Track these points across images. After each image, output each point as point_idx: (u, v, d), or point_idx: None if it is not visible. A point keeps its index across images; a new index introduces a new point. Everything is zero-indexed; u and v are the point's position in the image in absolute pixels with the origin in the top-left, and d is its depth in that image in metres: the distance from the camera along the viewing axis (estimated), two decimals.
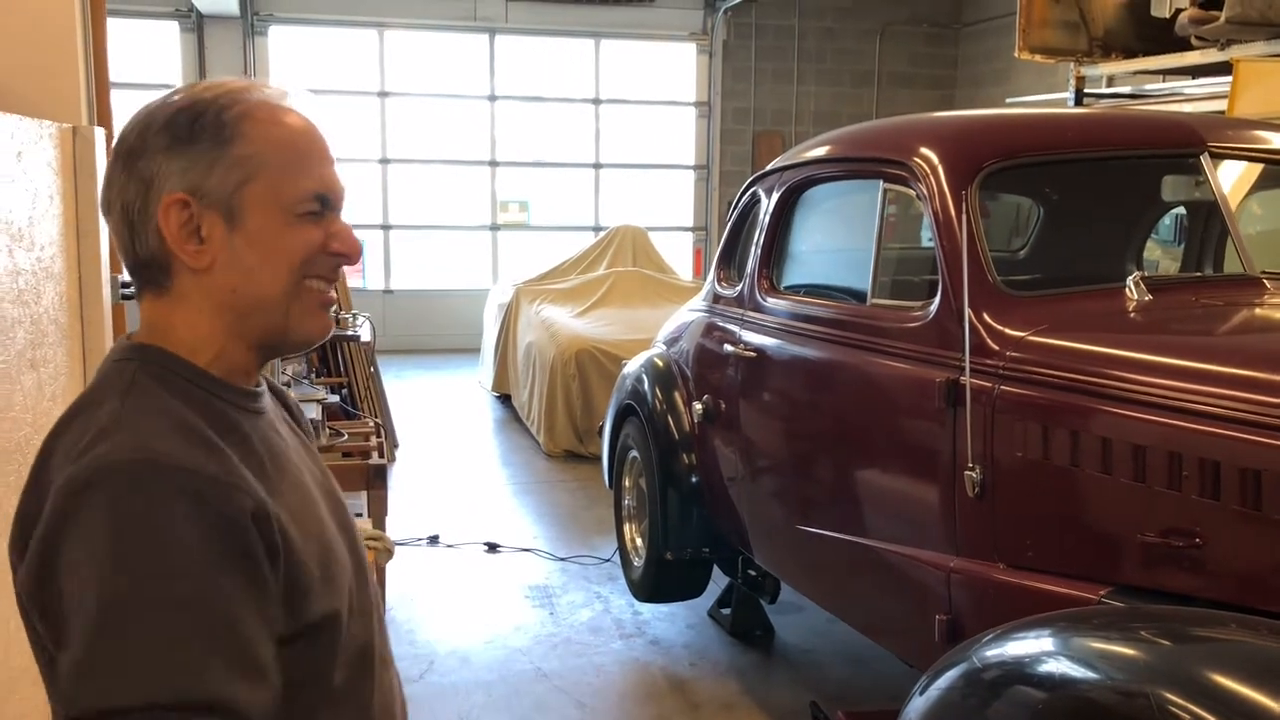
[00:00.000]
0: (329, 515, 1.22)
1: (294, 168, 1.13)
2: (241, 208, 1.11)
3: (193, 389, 1.11)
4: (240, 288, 1.12)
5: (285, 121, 1.14)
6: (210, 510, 0.99)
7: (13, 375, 2.03)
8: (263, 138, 1.11)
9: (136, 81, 10.11)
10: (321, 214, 1.15)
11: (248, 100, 1.13)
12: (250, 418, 1.16)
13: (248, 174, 1.10)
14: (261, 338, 1.16)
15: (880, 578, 2.86)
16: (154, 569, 0.96)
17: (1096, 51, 5.99)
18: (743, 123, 11.76)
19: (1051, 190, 3.49)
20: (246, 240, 1.11)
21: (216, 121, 1.10)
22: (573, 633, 4.22)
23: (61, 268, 2.38)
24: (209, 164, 1.09)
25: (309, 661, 1.11)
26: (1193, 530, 2.01)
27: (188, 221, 1.10)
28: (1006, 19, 8.71)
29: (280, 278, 1.13)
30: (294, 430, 1.30)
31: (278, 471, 1.14)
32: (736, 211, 3.89)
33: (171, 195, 1.09)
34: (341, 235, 1.17)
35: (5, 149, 2.05)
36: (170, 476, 0.99)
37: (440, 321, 11.01)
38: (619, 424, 4.45)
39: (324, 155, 1.17)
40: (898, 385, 2.76)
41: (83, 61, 2.96)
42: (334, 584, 1.15)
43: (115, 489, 0.98)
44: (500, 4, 10.95)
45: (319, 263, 1.15)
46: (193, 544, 0.97)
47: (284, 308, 1.14)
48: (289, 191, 1.12)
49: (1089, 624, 1.85)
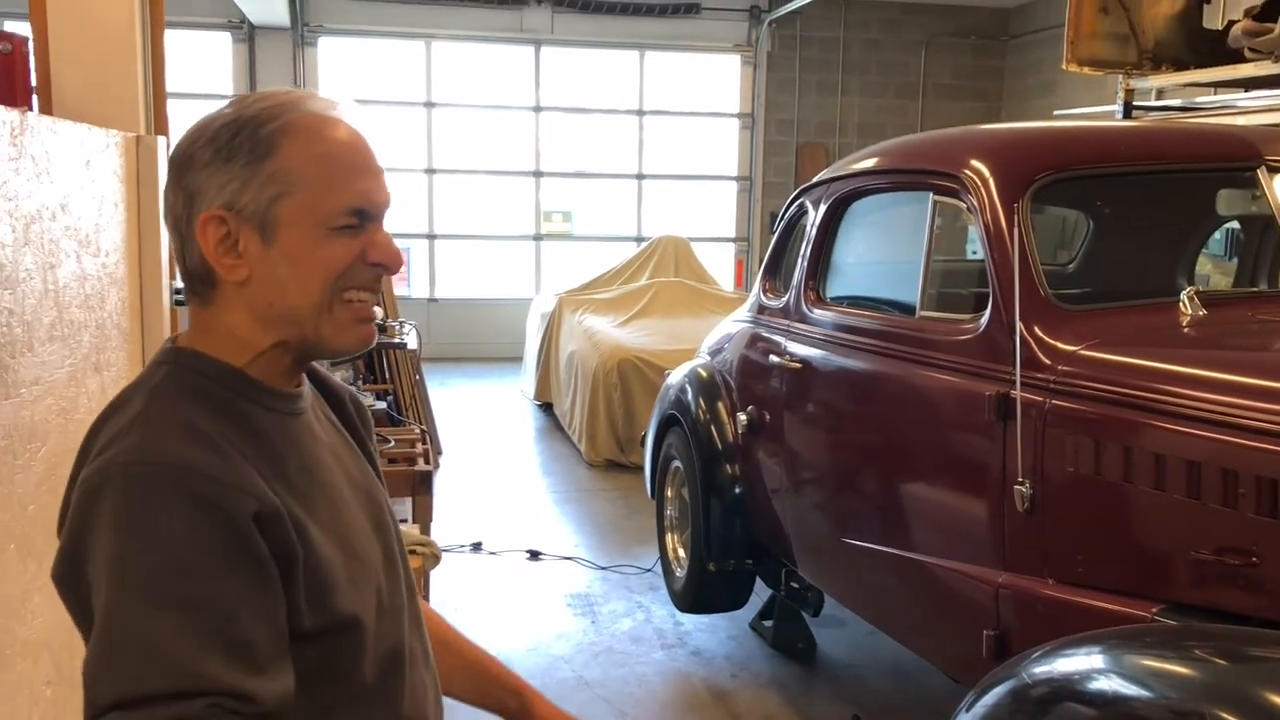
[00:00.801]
0: (363, 513, 1.24)
1: (330, 183, 1.13)
2: (276, 222, 1.12)
3: (218, 391, 1.13)
4: (276, 300, 1.14)
5: (325, 135, 1.14)
6: (210, 511, 1.02)
7: (79, 378, 2.08)
8: (299, 153, 1.12)
9: (191, 91, 10.31)
10: (360, 227, 1.15)
11: (288, 115, 1.13)
12: (279, 418, 1.18)
13: (282, 189, 1.11)
14: (299, 346, 1.18)
15: (927, 592, 2.84)
16: (154, 568, 0.99)
17: (1146, 64, 5.92)
18: (786, 134, 11.75)
19: (1104, 203, 3.47)
20: (281, 254, 1.13)
21: (254, 137, 1.11)
22: (614, 642, 4.23)
23: (124, 273, 2.43)
24: (245, 180, 1.11)
25: (334, 658, 1.13)
26: (1248, 548, 1.99)
27: (225, 236, 1.12)
28: (1054, 31, 8.64)
29: (313, 291, 1.14)
30: (337, 428, 1.31)
31: (302, 471, 1.16)
32: (783, 223, 3.90)
33: (209, 211, 1.11)
34: (380, 245, 1.16)
35: (75, 157, 2.10)
36: (171, 478, 1.02)
37: (484, 330, 11.09)
38: (662, 434, 4.46)
39: (365, 168, 1.16)
40: (946, 398, 2.75)
41: (142, 72, 3.04)
42: (359, 583, 1.16)
43: (120, 491, 1.02)
44: (546, 16, 11.03)
45: (357, 273, 1.16)
46: (192, 544, 1.00)
47: (315, 320, 1.15)
48: (324, 207, 1.12)
49: (1141, 641, 1.83)
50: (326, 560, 1.12)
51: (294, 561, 1.08)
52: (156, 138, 2.82)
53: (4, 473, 1.84)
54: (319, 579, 1.10)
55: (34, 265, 1.96)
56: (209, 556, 1.01)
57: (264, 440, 1.13)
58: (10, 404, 1.85)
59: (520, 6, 10.94)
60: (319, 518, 1.14)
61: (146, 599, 0.99)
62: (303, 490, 1.14)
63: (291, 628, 1.08)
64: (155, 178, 2.68)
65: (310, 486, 1.16)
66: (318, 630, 1.10)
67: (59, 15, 2.86)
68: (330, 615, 1.11)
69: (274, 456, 1.13)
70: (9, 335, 1.85)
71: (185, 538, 1.00)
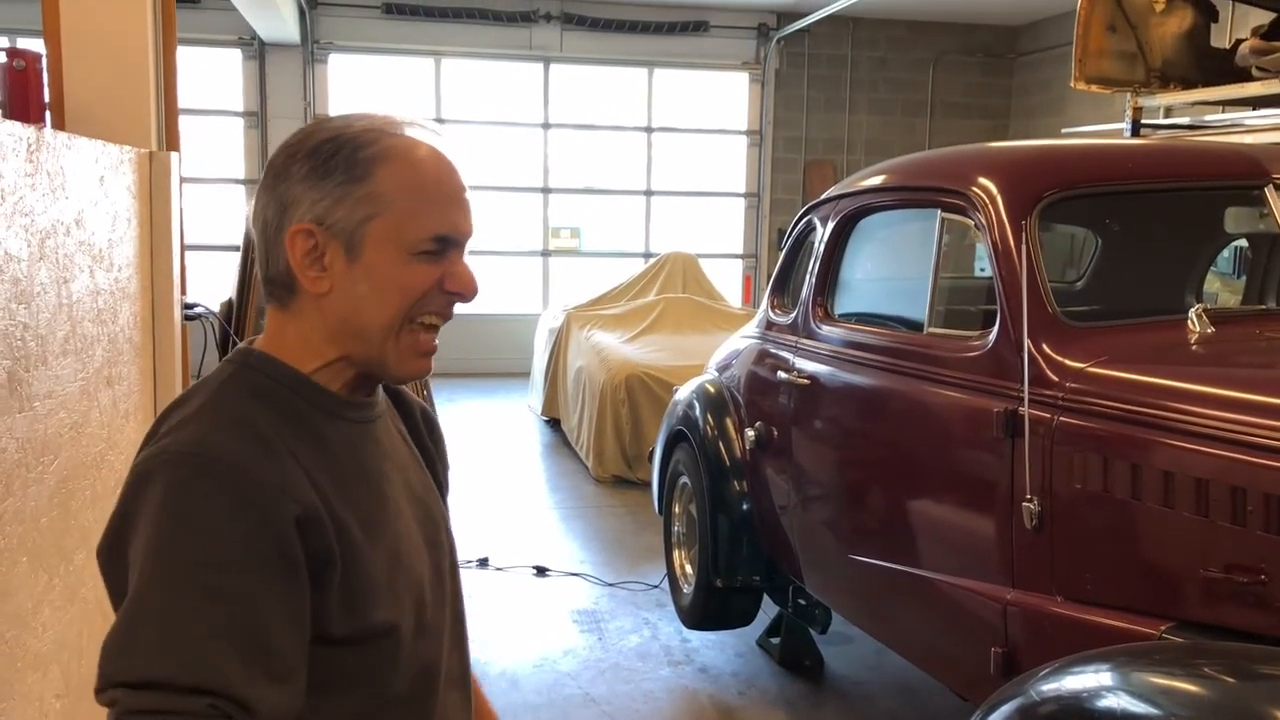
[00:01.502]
0: (417, 527, 1.25)
1: (418, 210, 1.16)
2: (363, 242, 1.15)
3: (281, 392, 1.16)
4: (350, 317, 1.17)
5: (419, 164, 1.17)
6: (252, 510, 1.04)
7: (91, 392, 2.09)
8: (393, 178, 1.15)
9: (202, 107, 10.38)
10: (441, 254, 1.17)
11: (386, 140, 1.16)
12: (341, 424, 1.20)
13: (373, 211, 1.14)
14: (363, 364, 1.20)
15: (935, 609, 2.84)
16: (190, 558, 1.01)
17: (1154, 82, 5.93)
18: (794, 151, 11.77)
19: (1112, 221, 3.47)
20: (364, 272, 1.15)
21: (352, 158, 1.14)
22: (621, 658, 4.22)
23: (137, 288, 2.45)
24: (338, 198, 1.14)
25: (367, 666, 1.14)
26: (1257, 566, 1.98)
27: (312, 249, 1.15)
28: (1062, 49, 8.67)
29: (388, 311, 1.16)
30: (405, 441, 1.33)
31: (358, 478, 1.18)
32: (791, 239, 3.91)
33: (300, 224, 1.14)
34: (458, 275, 1.19)
35: (89, 173, 2.12)
36: (219, 473, 1.04)
37: (492, 345, 11.11)
38: (669, 450, 4.46)
39: (452, 198, 1.19)
40: (954, 415, 2.75)
41: (154, 88, 3.06)
42: (401, 594, 1.18)
43: (170, 478, 1.05)
44: (556, 34, 11.09)
45: (433, 299, 1.18)
46: (229, 540, 1.02)
47: (383, 342, 1.17)
48: (410, 232, 1.15)
49: (1150, 659, 1.83)
50: (368, 567, 1.13)
51: (331, 566, 1.09)
52: (169, 153, 2.84)
53: (17, 485, 1.86)
54: (358, 585, 1.12)
55: (48, 280, 1.98)
56: (244, 555, 1.03)
57: (322, 444, 1.15)
58: (24, 417, 1.86)
59: (529, 24, 10.99)
60: (368, 525, 1.15)
61: (177, 586, 1.00)
62: (356, 497, 1.16)
63: (322, 632, 1.09)
64: (168, 193, 2.70)
65: (364, 494, 1.18)
66: (352, 636, 1.11)
67: (72, 32, 2.89)
68: (366, 622, 1.12)
69: (330, 461, 1.15)
70: (24, 349, 1.87)
71: (224, 533, 1.02)
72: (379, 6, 10.62)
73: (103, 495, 2.18)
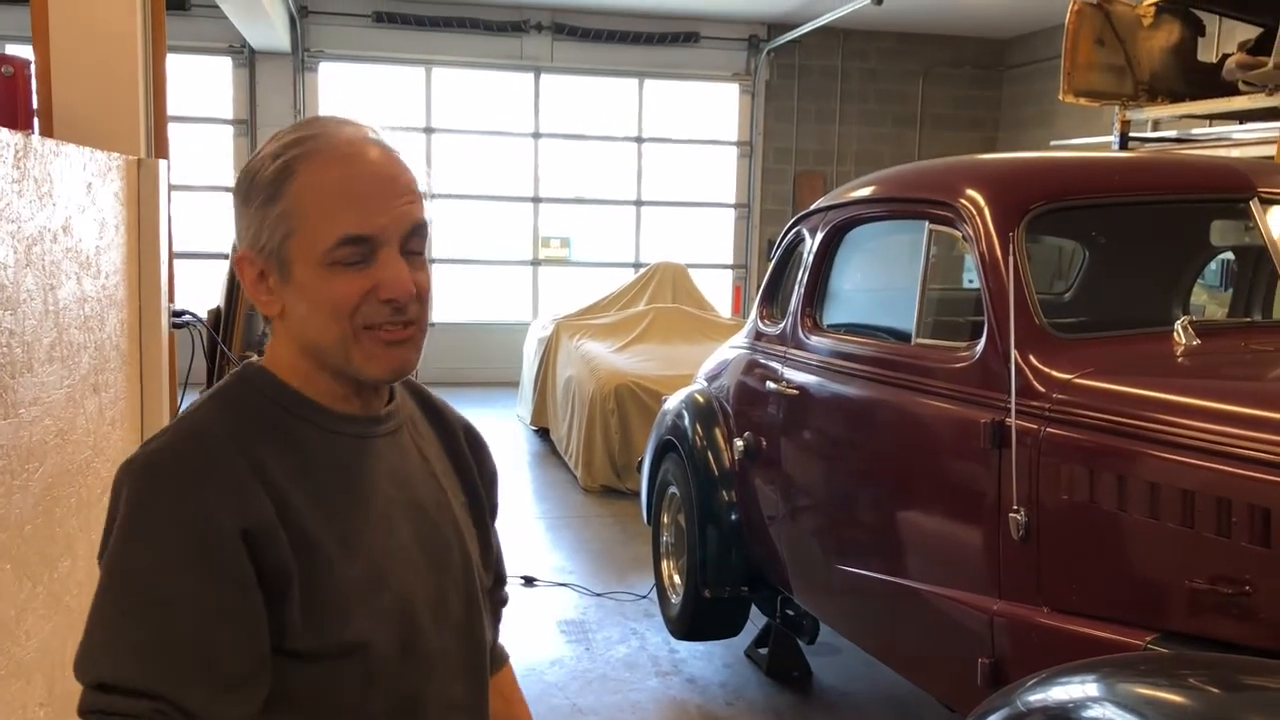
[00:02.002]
0: (417, 547, 1.22)
1: (324, 216, 1.11)
2: (289, 260, 1.14)
3: (269, 405, 1.17)
4: (305, 334, 1.17)
5: (323, 168, 1.12)
6: (193, 522, 1.05)
7: (77, 399, 2.09)
8: (300, 190, 1.12)
9: (192, 115, 10.35)
10: (365, 260, 1.12)
11: (298, 151, 1.13)
12: (332, 437, 1.19)
13: (290, 228, 1.13)
14: (335, 371, 1.18)
15: (922, 619, 2.84)
16: (137, 568, 1.05)
17: (1142, 95, 5.97)
18: (784, 162, 11.81)
19: (1098, 233, 3.49)
20: (297, 292, 1.15)
21: (263, 180, 1.14)
22: (609, 669, 4.21)
23: (124, 295, 2.44)
24: (259, 221, 1.14)
25: (334, 683, 1.12)
26: (1242, 578, 1.99)
27: (259, 275, 1.17)
28: (1051, 62, 8.72)
29: (329, 328, 1.14)
30: (425, 458, 1.29)
31: (341, 493, 1.17)
32: (780, 250, 3.92)
33: (241, 252, 1.17)
34: (386, 282, 1.12)
35: (77, 180, 2.11)
36: (170, 485, 1.07)
37: (481, 354, 11.10)
38: (658, 459, 4.46)
39: (366, 195, 1.12)
40: (942, 425, 2.76)
41: (143, 95, 3.06)
42: (379, 614, 1.14)
43: (130, 488, 1.08)
44: (546, 44, 11.11)
45: (373, 311, 1.13)
46: (171, 552, 1.05)
47: (345, 354, 1.15)
48: (318, 243, 1.11)
49: (1135, 670, 1.83)
50: (338, 583, 1.11)
51: (287, 579, 1.08)
52: (157, 161, 2.83)
53: (1, 492, 1.85)
54: (322, 601, 1.10)
55: (35, 286, 1.97)
56: (186, 566, 1.04)
57: (301, 456, 1.15)
58: (9, 424, 1.86)
59: (520, 34, 11.01)
60: (346, 540, 1.14)
61: (125, 593, 1.04)
62: (335, 510, 1.15)
63: (283, 645, 1.08)
64: (156, 200, 2.70)
65: (348, 507, 1.16)
66: (317, 651, 1.10)
67: (61, 39, 2.88)
68: (333, 638, 1.11)
69: (307, 473, 1.14)
70: (9, 356, 1.86)
71: (169, 543, 1.05)
72: (370, 15, 10.63)
73: (88, 502, 2.17)
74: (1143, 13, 5.81)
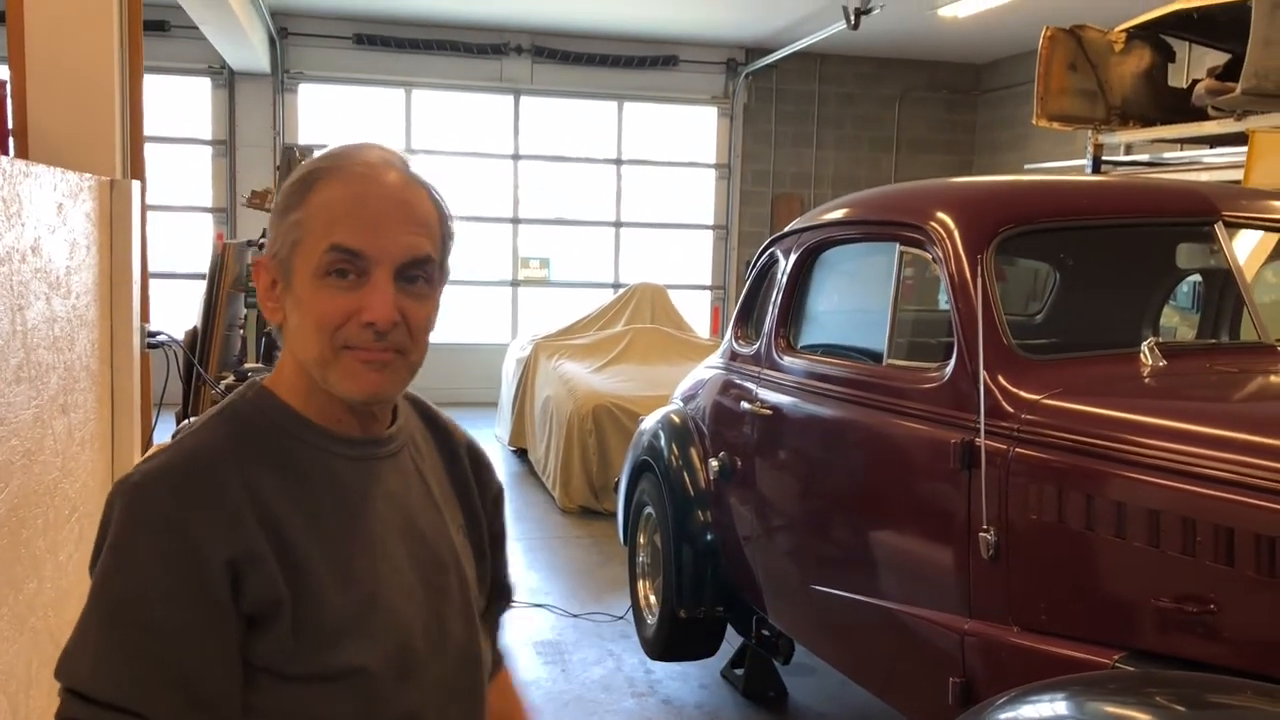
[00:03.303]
0: (412, 569, 1.21)
1: (325, 225, 1.12)
2: (293, 269, 1.15)
3: (269, 425, 1.17)
4: (293, 345, 1.18)
5: (342, 185, 1.13)
6: (176, 549, 1.06)
7: (45, 419, 2.08)
8: (314, 202, 1.14)
9: (171, 135, 10.33)
10: (356, 281, 1.12)
11: (324, 165, 1.16)
12: (329, 459, 1.18)
13: (298, 236, 1.15)
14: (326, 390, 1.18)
15: (894, 639, 2.85)
16: (123, 589, 1.06)
17: (1114, 120, 6.05)
18: (762, 185, 11.88)
19: (1067, 255, 3.53)
20: (292, 301, 1.16)
21: (287, 190, 1.17)
22: (584, 690, 4.20)
23: (95, 316, 2.43)
24: (279, 229, 1.17)
25: (331, 706, 1.11)
26: (1207, 596, 2.01)
27: (271, 283, 1.18)
28: (1025, 87, 8.81)
29: (312, 342, 1.14)
30: (424, 479, 1.28)
31: (339, 515, 1.16)
32: (755, 271, 3.94)
33: (260, 258, 1.19)
34: (370, 305, 1.11)
35: (47, 200, 2.11)
36: (158, 509, 1.08)
37: (459, 375, 11.07)
38: (635, 480, 4.46)
39: (373, 216, 1.12)
40: (913, 446, 2.77)
41: (119, 116, 3.05)
42: (375, 637, 1.14)
43: (123, 508, 1.09)
44: (526, 66, 11.16)
45: (354, 333, 1.12)
46: (154, 574, 1.06)
47: (323, 369, 1.15)
48: (314, 251, 1.12)
49: (1103, 688, 1.85)
50: (331, 606, 1.11)
51: (277, 605, 1.09)
52: (131, 181, 2.83)
53: None
54: (315, 625, 1.10)
55: (2, 307, 1.96)
56: (167, 590, 1.06)
57: (298, 478, 1.15)
58: None
59: (500, 56, 11.06)
60: (342, 563, 1.14)
61: (111, 614, 1.06)
62: (331, 533, 1.14)
63: (275, 668, 1.09)
64: (129, 221, 2.70)
65: (344, 532, 1.16)
66: (312, 675, 1.10)
67: (37, 60, 2.88)
68: (328, 662, 1.11)
69: (304, 495, 1.14)
70: None
71: (154, 567, 1.06)
72: (350, 37, 10.65)
73: (55, 524, 2.16)
74: (1114, 39, 5.90)
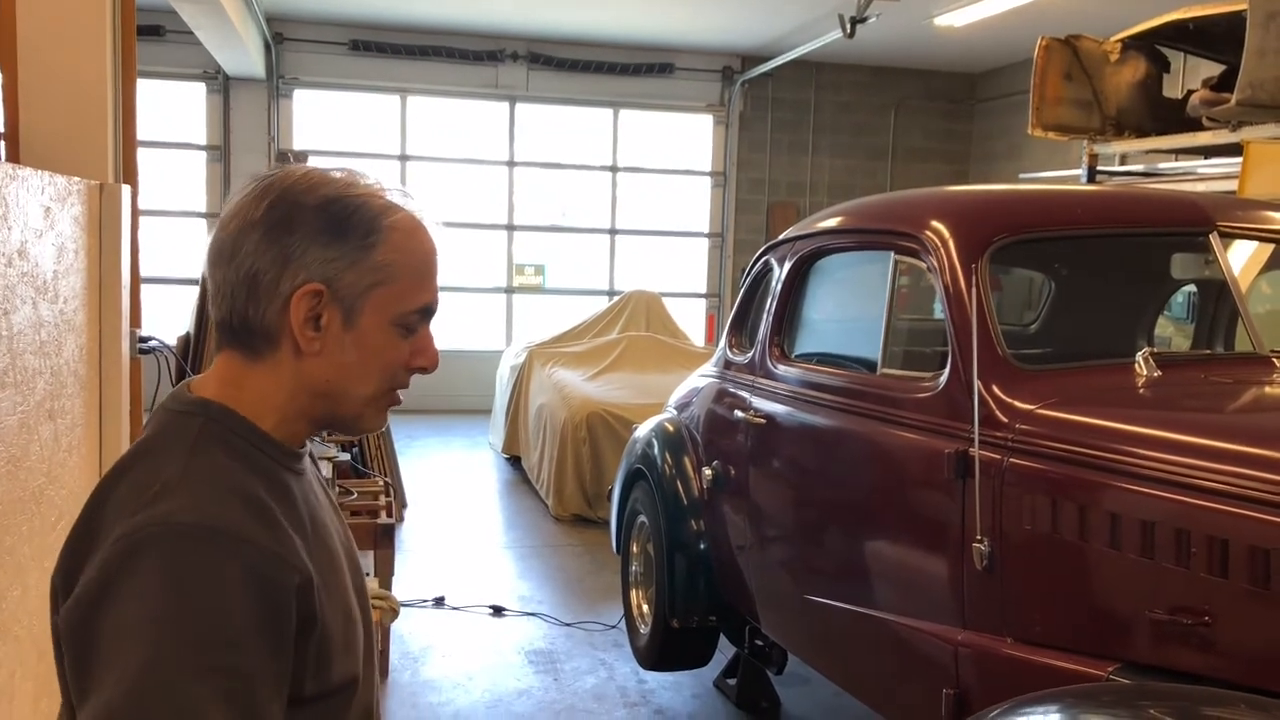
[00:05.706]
0: (348, 574, 1.25)
1: (416, 281, 1.18)
2: (361, 309, 1.15)
3: (251, 452, 1.14)
4: (333, 380, 1.17)
5: (422, 238, 1.20)
6: (261, 583, 1.02)
7: (31, 425, 2.06)
8: (403, 249, 1.16)
9: (165, 140, 10.32)
10: (417, 327, 1.20)
11: (398, 211, 1.18)
12: (297, 479, 1.19)
13: (378, 280, 1.15)
14: (325, 419, 1.21)
15: (887, 650, 2.83)
16: (201, 636, 0.98)
17: (1109, 130, 6.06)
18: (758, 193, 11.88)
19: (1061, 265, 3.52)
20: (355, 339, 1.16)
21: (369, 224, 1.14)
22: (576, 700, 4.17)
23: (83, 321, 2.41)
24: (351, 262, 1.14)
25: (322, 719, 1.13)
26: (1201, 608, 2.00)
27: (313, 309, 1.14)
28: (1020, 96, 8.83)
29: (370, 382, 1.19)
30: (326, 489, 1.32)
31: (315, 535, 1.17)
32: (749, 279, 3.93)
33: (309, 284, 1.12)
34: (424, 350, 1.22)
35: (35, 204, 2.09)
36: (227, 546, 1.02)
37: (453, 382, 11.03)
38: (628, 488, 4.44)
39: (436, 273, 1.22)
40: (907, 455, 2.76)
41: (112, 120, 3.04)
42: (353, 648, 1.18)
43: (174, 552, 1.00)
44: (522, 73, 11.16)
45: (402, 375, 1.21)
46: (240, 615, 1.00)
47: (361, 408, 1.20)
48: (405, 303, 1.17)
49: (1097, 701, 1.83)
50: (330, 626, 1.12)
51: (312, 627, 1.08)
52: (120, 186, 2.81)
53: None
54: (324, 644, 1.11)
55: None
56: (256, 632, 1.01)
57: (292, 503, 1.14)
58: None
59: (496, 63, 11.06)
60: (326, 583, 1.14)
61: (189, 665, 0.97)
62: (316, 555, 1.14)
63: (295, 694, 1.07)
64: (118, 225, 2.68)
65: (320, 550, 1.16)
66: (319, 694, 1.11)
67: (29, 63, 2.86)
68: (332, 679, 1.12)
69: (300, 520, 1.14)
70: None
71: (237, 609, 1.00)
72: (345, 43, 10.64)
73: (40, 530, 2.14)
74: (1109, 49, 5.91)
